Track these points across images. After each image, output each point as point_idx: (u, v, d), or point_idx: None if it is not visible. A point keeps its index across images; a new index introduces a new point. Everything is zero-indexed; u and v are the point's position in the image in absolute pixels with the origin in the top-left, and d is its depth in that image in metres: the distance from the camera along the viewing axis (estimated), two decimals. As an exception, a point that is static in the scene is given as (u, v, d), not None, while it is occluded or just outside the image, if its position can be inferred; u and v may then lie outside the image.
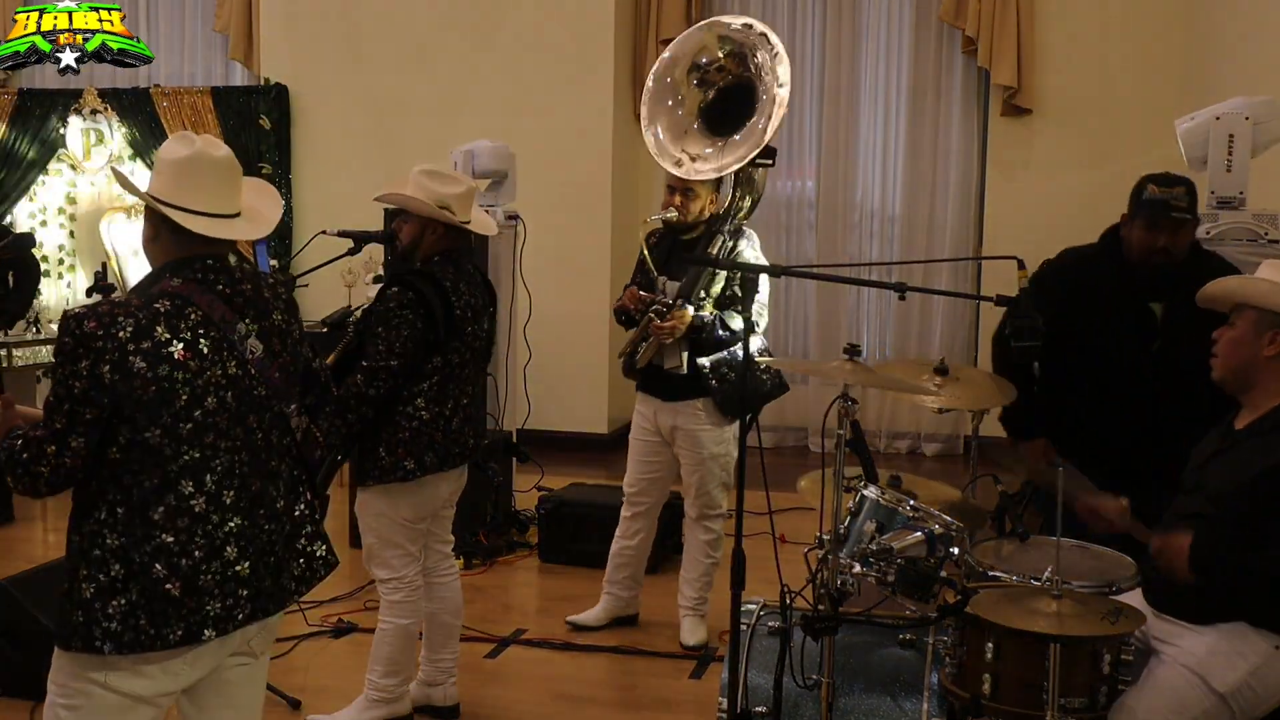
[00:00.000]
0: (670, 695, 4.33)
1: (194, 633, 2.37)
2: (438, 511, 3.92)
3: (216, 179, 2.45)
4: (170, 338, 2.33)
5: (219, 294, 2.43)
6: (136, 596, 2.33)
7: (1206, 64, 7.10)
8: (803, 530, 5.62)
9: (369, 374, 3.59)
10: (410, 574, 3.82)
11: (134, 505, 2.34)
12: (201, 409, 2.37)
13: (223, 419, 2.40)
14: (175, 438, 2.34)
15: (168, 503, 2.35)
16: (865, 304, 8.37)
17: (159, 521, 2.34)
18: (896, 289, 3.03)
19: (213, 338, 2.39)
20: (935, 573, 2.83)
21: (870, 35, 8.17)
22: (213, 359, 2.38)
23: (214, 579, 2.39)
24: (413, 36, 8.26)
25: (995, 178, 7.91)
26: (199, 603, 2.38)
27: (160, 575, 2.34)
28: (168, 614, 2.34)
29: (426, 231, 3.75)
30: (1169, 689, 2.80)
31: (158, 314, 2.33)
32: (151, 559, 2.33)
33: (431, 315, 3.63)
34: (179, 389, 2.33)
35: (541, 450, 6.21)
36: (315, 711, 4.02)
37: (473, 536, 5.72)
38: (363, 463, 3.71)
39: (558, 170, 7.77)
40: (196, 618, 2.37)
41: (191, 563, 2.37)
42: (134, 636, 2.32)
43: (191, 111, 8.37)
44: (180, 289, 2.39)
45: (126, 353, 2.28)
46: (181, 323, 2.35)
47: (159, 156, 2.50)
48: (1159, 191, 3.63)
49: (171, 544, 2.35)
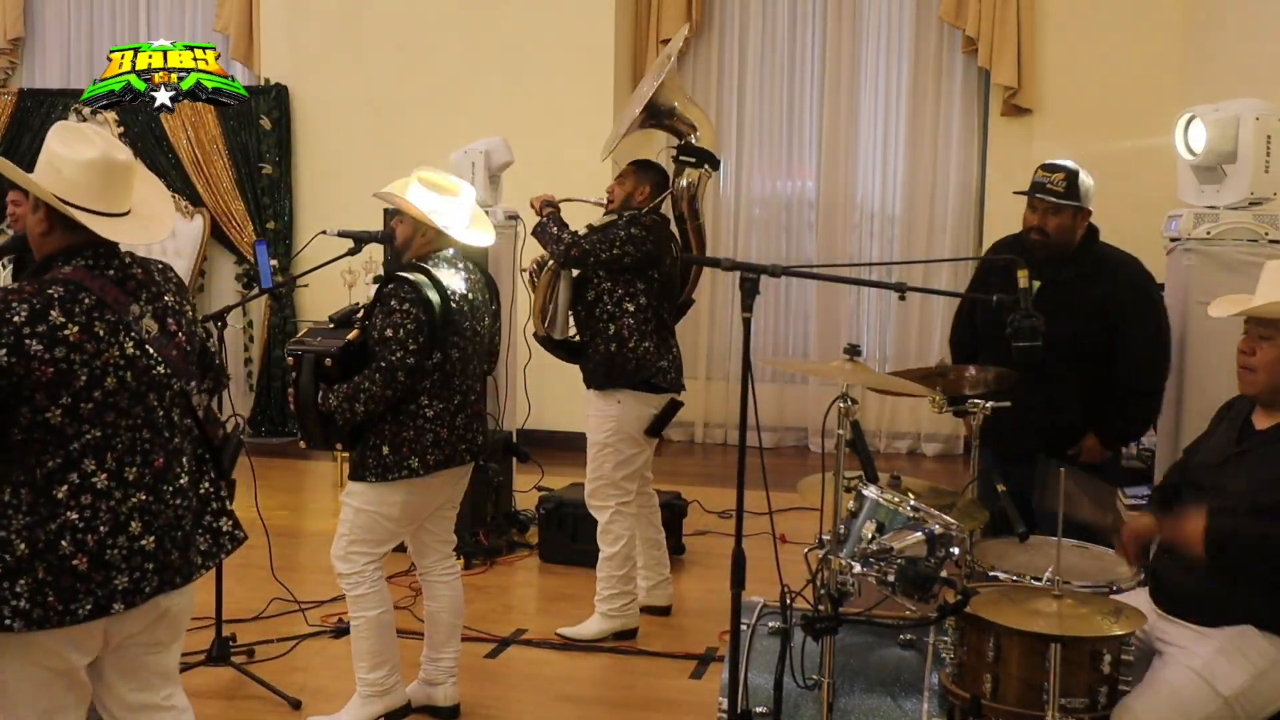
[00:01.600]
0: (670, 695, 4.33)
1: (102, 606, 2.46)
2: (432, 514, 3.92)
3: (116, 180, 2.52)
4: (65, 321, 2.40)
5: (110, 278, 2.51)
6: (43, 574, 2.40)
7: (1206, 64, 7.10)
8: (803, 530, 5.62)
9: (386, 374, 3.60)
10: (370, 570, 3.81)
11: (38, 485, 2.41)
12: (101, 389, 2.44)
13: (122, 398, 2.48)
14: (76, 417, 2.42)
15: (71, 481, 2.43)
16: (865, 304, 8.38)
17: (63, 500, 2.43)
18: (896, 289, 3.03)
19: (108, 320, 2.46)
20: (935, 573, 2.82)
21: (870, 35, 8.17)
22: (109, 340, 2.46)
23: (120, 554, 2.48)
24: (413, 36, 8.26)
25: (995, 178, 7.90)
26: (106, 576, 2.46)
27: (67, 552, 2.42)
28: (75, 589, 2.43)
29: (417, 234, 3.81)
30: (1173, 691, 2.80)
31: (51, 299, 2.40)
32: (57, 536, 2.41)
33: (430, 309, 3.65)
34: (77, 370, 2.41)
35: (541, 450, 6.21)
36: (315, 711, 4.02)
37: (473, 536, 5.72)
38: (363, 457, 3.72)
39: (558, 170, 7.75)
40: (104, 591, 2.46)
41: (97, 538, 2.45)
42: (43, 613, 2.40)
43: (191, 111, 8.36)
44: (73, 275, 2.46)
45: (22, 336, 2.35)
46: (75, 306, 2.42)
47: (55, 152, 2.51)
48: (1040, 175, 4.01)
49: (76, 520, 2.43)
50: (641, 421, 4.65)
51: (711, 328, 8.43)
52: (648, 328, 4.59)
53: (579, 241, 4.56)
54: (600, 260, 4.54)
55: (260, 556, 4.67)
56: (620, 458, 4.66)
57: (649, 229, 4.57)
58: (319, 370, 3.70)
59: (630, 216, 4.59)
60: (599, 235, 4.56)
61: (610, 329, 4.58)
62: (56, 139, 2.53)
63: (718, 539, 6.09)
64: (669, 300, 4.75)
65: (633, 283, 4.57)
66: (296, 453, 8.01)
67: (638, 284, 4.58)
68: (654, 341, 4.60)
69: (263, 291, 6.39)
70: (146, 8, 9.18)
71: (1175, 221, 4.26)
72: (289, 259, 8.43)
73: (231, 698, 4.21)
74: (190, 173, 8.39)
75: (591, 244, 4.54)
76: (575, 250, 4.54)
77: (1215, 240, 4.12)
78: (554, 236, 4.62)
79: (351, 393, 3.62)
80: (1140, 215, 6.39)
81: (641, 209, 4.62)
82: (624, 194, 4.68)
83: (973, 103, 8.05)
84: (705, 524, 6.30)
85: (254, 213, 8.45)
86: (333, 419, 3.69)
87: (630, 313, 4.57)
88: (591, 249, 4.53)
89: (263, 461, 6.90)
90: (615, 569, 4.74)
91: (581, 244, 4.55)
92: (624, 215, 4.61)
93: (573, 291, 4.70)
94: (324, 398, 3.68)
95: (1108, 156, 7.44)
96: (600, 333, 4.60)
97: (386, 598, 3.86)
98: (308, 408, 3.72)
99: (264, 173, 8.41)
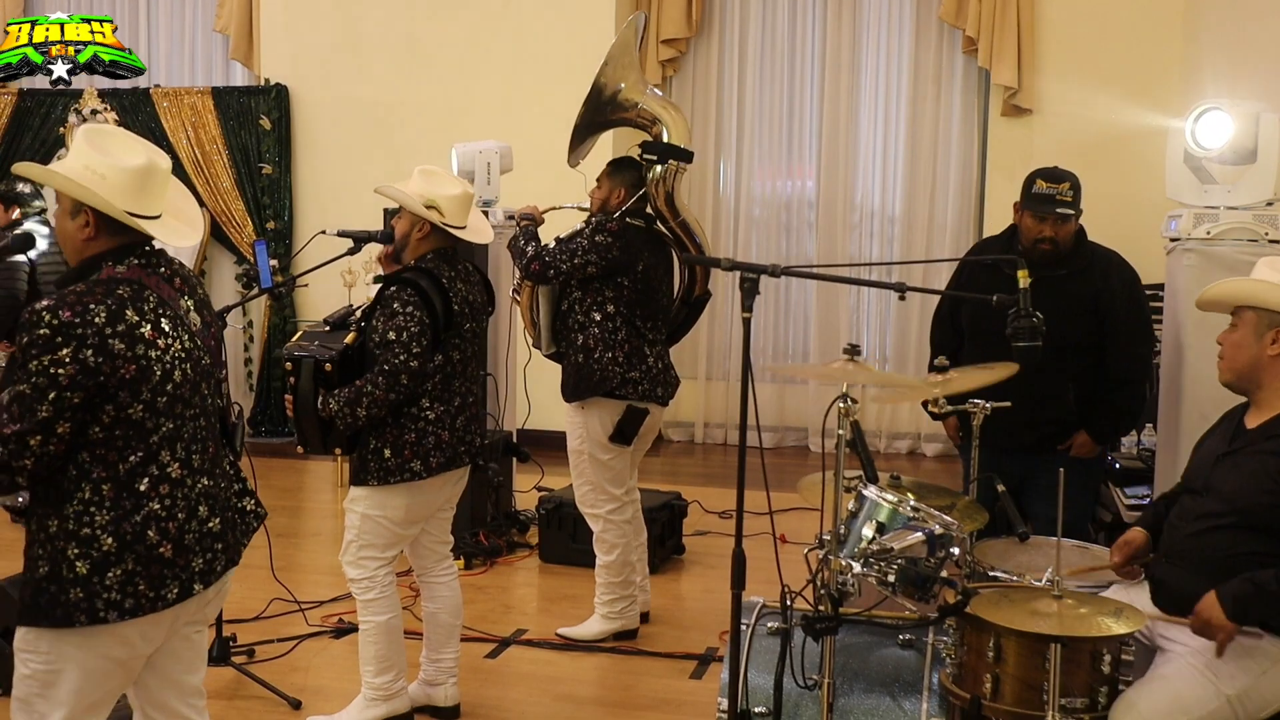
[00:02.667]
0: (670, 695, 4.33)
1: (187, 589, 2.58)
2: (432, 515, 3.92)
3: (158, 186, 2.58)
4: (139, 320, 2.48)
5: (162, 275, 2.60)
6: (133, 565, 2.49)
7: (1205, 64, 7.10)
8: (803, 530, 5.63)
9: (390, 377, 3.59)
10: (381, 575, 3.81)
11: (121, 480, 2.49)
12: (172, 382, 2.53)
13: (186, 389, 2.58)
14: (154, 411, 2.51)
15: (151, 473, 2.52)
16: (865, 304, 8.38)
17: (146, 491, 2.51)
18: (896, 289, 3.03)
19: (169, 315, 2.55)
20: (935, 573, 2.83)
21: (870, 35, 8.17)
22: (173, 335, 2.55)
23: (194, 537, 2.60)
24: (413, 37, 8.26)
25: (995, 178, 7.90)
26: (186, 560, 2.58)
27: (154, 541, 2.52)
28: (164, 575, 2.53)
29: (414, 229, 3.79)
30: (1175, 686, 2.79)
31: (123, 299, 2.47)
32: (143, 527, 2.50)
33: (433, 311, 3.64)
34: (154, 365, 2.49)
35: (541, 450, 6.21)
36: (315, 711, 4.03)
37: (473, 536, 5.72)
38: (365, 462, 3.71)
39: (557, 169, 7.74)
40: (185, 574, 2.57)
41: (177, 525, 2.56)
42: (135, 602, 2.50)
43: (191, 111, 8.37)
44: (130, 275, 2.53)
45: (105, 336, 2.42)
46: (144, 305, 2.50)
47: (95, 158, 2.50)
48: (1046, 187, 4.05)
49: (159, 510, 2.53)
50: (606, 430, 4.58)
51: (711, 328, 8.42)
52: (615, 338, 4.49)
53: (540, 255, 4.50)
54: (562, 271, 4.47)
55: (260, 556, 4.67)
56: (595, 463, 4.63)
57: (615, 234, 4.47)
58: (319, 375, 3.68)
59: (596, 224, 4.52)
60: (560, 247, 4.49)
61: (579, 339, 4.53)
62: (92, 145, 2.53)
63: (718, 539, 6.10)
64: (648, 307, 4.57)
65: (600, 291, 4.50)
66: (296, 453, 8.02)
67: (606, 292, 4.49)
68: (622, 352, 4.49)
69: (263, 291, 6.39)
70: (147, 7, 9.17)
71: (1175, 221, 4.26)
72: (289, 259, 8.43)
73: (231, 698, 4.21)
74: (190, 173, 8.39)
75: (553, 256, 4.48)
76: (536, 264, 4.49)
77: (1215, 240, 4.12)
78: (519, 250, 4.59)
79: (353, 397, 3.61)
80: (1140, 215, 6.41)
81: (617, 212, 4.55)
82: (601, 198, 4.62)
83: (973, 103, 8.05)
84: (705, 524, 6.30)
85: (254, 213, 8.45)
86: (332, 424, 3.68)
87: (597, 322, 4.50)
88: (552, 261, 4.47)
89: (263, 461, 6.91)
90: (613, 576, 4.73)
91: (542, 257, 4.49)
92: (590, 222, 4.56)
93: (552, 304, 4.67)
94: (324, 402, 3.66)
95: (1107, 156, 7.46)
96: (571, 343, 4.56)
97: (396, 602, 3.86)
98: (307, 413, 3.71)
99: (264, 173, 8.41)
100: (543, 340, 4.74)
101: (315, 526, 6.60)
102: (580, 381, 4.52)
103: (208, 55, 9.12)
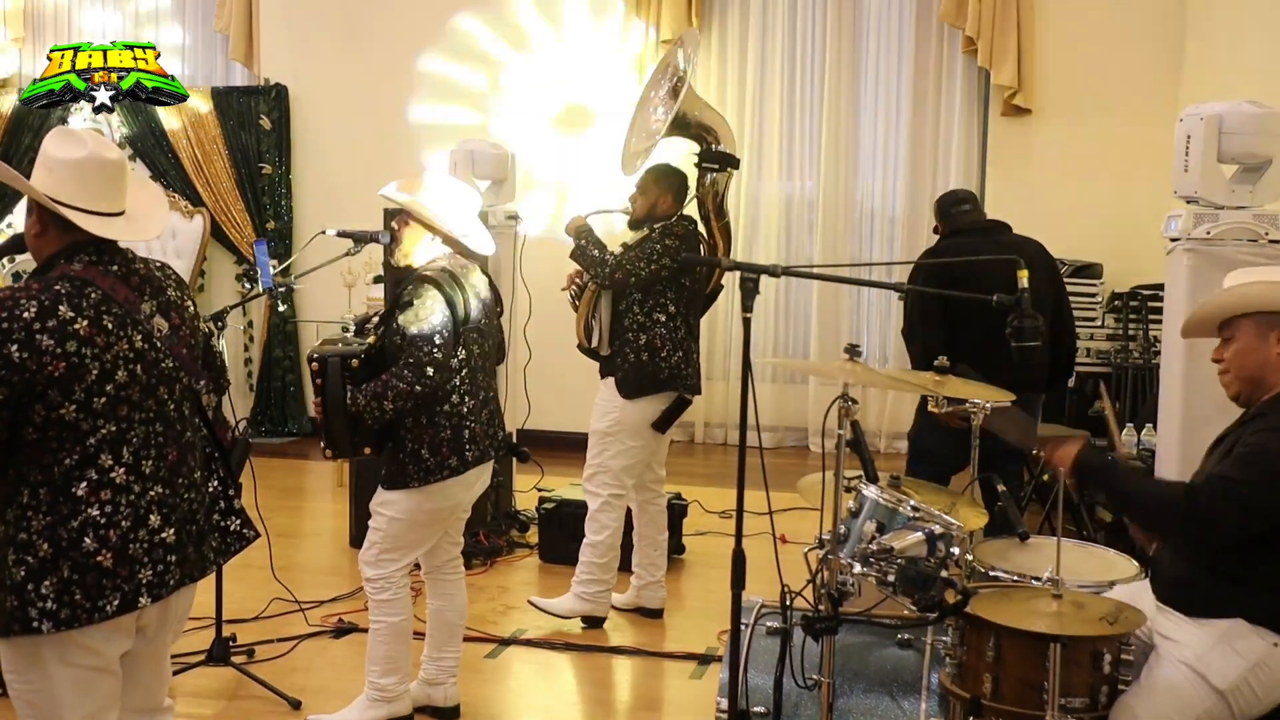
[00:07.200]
0: (670, 695, 4.33)
1: (129, 601, 2.47)
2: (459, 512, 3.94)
3: (106, 180, 2.54)
4: (74, 315, 2.40)
5: (115, 275, 2.53)
6: (69, 573, 2.41)
7: (1204, 64, 7.10)
8: (803, 530, 5.62)
9: (416, 369, 3.60)
10: (398, 576, 3.82)
11: (56, 484, 2.42)
12: (113, 382, 2.45)
13: (134, 391, 2.49)
14: (90, 412, 2.43)
15: (89, 477, 2.44)
16: (866, 304, 8.37)
17: (83, 496, 2.43)
18: (897, 289, 3.04)
19: (115, 314, 2.47)
20: (935, 573, 2.83)
21: (870, 35, 8.16)
22: (117, 334, 2.47)
23: (142, 547, 2.49)
24: (412, 36, 8.25)
25: (995, 178, 7.90)
26: (131, 571, 2.47)
27: (91, 549, 2.42)
28: (102, 586, 2.43)
29: (423, 239, 3.86)
30: (1169, 687, 2.79)
31: (59, 294, 2.42)
32: (80, 533, 2.42)
33: (452, 306, 3.69)
34: (88, 364, 2.41)
35: (541, 450, 6.20)
36: (315, 711, 4.02)
37: (473, 536, 5.71)
38: (404, 465, 3.72)
39: (557, 169, 7.77)
40: (130, 586, 2.47)
41: (119, 533, 2.46)
42: (70, 613, 2.41)
43: (191, 112, 8.36)
44: (80, 272, 2.48)
45: (33, 332, 2.36)
46: (83, 301, 2.43)
47: (48, 154, 2.55)
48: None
49: (98, 516, 2.44)
50: (649, 418, 4.70)
51: (712, 327, 8.40)
52: (676, 336, 4.68)
53: (620, 264, 4.62)
54: (641, 278, 4.61)
55: (260, 556, 4.64)
56: (621, 448, 4.72)
57: (682, 237, 4.65)
58: (346, 371, 3.70)
59: (663, 228, 4.66)
60: (635, 252, 4.63)
61: (642, 339, 4.66)
62: (51, 141, 2.56)
63: (718, 539, 6.09)
64: (696, 305, 4.84)
65: (664, 293, 4.66)
66: (296, 453, 8.02)
67: (669, 293, 4.67)
68: (682, 349, 4.70)
69: (263, 291, 6.39)
70: (146, 7, 9.16)
71: (1175, 221, 4.25)
72: (289, 259, 8.42)
73: (231, 698, 4.21)
74: (190, 173, 8.39)
75: (631, 263, 4.61)
76: (619, 274, 4.62)
77: (1215, 240, 4.12)
78: (595, 260, 4.69)
79: (380, 390, 3.62)
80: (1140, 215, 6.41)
81: (669, 217, 4.69)
82: (647, 205, 4.75)
83: (973, 103, 8.04)
84: (705, 524, 6.30)
85: (254, 213, 8.45)
86: (359, 421, 3.69)
87: (661, 323, 4.67)
88: (632, 269, 4.61)
89: (263, 461, 6.90)
90: (597, 557, 4.79)
91: (623, 265, 4.62)
92: (656, 228, 4.67)
93: (614, 306, 4.78)
94: (352, 397, 3.67)
95: (1107, 157, 7.46)
96: (630, 343, 4.67)
97: (409, 605, 3.87)
98: (336, 411, 3.71)
99: (264, 173, 8.41)
100: (603, 341, 4.83)
101: (315, 526, 6.60)
102: (644, 379, 4.67)
103: (208, 55, 9.08)
